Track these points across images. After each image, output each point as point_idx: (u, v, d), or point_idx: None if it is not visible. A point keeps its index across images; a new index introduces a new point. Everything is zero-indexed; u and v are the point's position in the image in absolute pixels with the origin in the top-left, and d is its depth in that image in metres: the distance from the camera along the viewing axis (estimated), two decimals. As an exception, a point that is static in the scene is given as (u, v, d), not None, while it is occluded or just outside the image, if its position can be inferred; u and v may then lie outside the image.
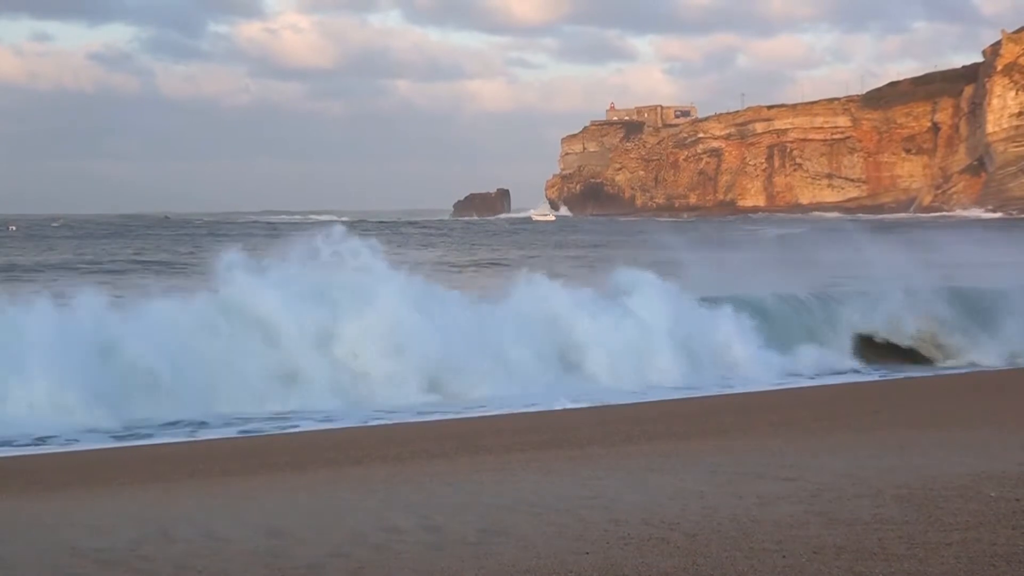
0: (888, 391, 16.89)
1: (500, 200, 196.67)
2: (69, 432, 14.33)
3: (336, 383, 17.41)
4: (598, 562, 6.53)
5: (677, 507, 7.78)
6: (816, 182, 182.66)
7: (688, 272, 25.53)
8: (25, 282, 36.12)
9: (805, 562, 6.41)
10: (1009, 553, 6.47)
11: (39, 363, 15.25)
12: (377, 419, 15.85)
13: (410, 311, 18.47)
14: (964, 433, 11.46)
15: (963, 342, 22.03)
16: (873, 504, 7.69)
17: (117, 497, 9.80)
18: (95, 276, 39.24)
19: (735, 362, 19.86)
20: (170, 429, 14.98)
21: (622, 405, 16.56)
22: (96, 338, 16.47)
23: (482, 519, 7.64)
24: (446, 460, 11.20)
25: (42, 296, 17.36)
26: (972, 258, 32.43)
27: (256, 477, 10.76)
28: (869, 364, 20.98)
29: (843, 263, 31.14)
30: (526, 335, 19.05)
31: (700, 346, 19.88)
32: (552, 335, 19.40)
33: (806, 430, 12.74)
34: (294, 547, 7.09)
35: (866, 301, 23.08)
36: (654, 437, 12.56)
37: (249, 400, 16.51)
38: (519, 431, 13.64)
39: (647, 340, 19.52)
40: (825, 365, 20.37)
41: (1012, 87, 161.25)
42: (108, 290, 23.19)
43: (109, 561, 6.89)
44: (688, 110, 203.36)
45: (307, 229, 21.89)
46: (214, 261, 19.81)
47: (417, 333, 18.02)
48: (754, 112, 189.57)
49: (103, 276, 39.68)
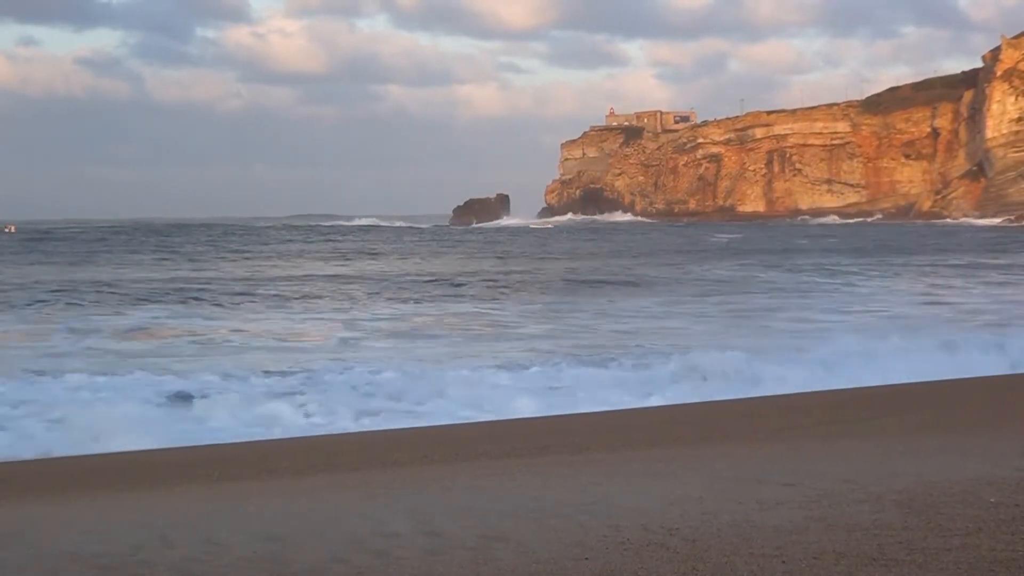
0: (888, 396, 16.87)
1: (500, 205, 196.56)
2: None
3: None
4: (597, 567, 6.52)
5: (676, 512, 7.77)
6: (816, 187, 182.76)
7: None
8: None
9: (805, 568, 6.41)
10: (1009, 559, 6.46)
11: None
12: (376, 424, 15.84)
13: None
14: (964, 439, 11.44)
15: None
16: (873, 509, 7.68)
17: (117, 502, 9.79)
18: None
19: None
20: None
21: (621, 411, 16.55)
22: None
23: (481, 524, 7.63)
24: (445, 465, 11.19)
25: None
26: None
27: (255, 482, 10.75)
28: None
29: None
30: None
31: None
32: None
33: (806, 435, 12.73)
34: (293, 552, 7.09)
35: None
36: (653, 442, 12.56)
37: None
38: (517, 436, 13.63)
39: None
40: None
41: (1012, 92, 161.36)
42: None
43: (109, 566, 6.88)
44: (687, 115, 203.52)
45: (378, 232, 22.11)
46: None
47: None
48: (753, 117, 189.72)
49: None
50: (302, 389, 18.43)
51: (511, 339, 26.57)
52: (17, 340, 26.41)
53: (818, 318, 31.03)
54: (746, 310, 34.03)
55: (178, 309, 34.24)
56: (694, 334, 27.10)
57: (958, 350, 21.64)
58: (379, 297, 39.29)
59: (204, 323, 30.08)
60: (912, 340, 23.13)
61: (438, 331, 28.41)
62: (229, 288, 42.20)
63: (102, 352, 23.98)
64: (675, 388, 18.81)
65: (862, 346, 22.14)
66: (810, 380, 18.87)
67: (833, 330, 26.47)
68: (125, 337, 26.95)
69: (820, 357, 21.32)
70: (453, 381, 18.96)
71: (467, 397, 17.75)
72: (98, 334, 27.05)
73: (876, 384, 18.31)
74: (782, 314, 32.30)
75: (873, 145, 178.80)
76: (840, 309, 33.75)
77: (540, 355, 22.95)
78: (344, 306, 35.67)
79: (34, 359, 22.50)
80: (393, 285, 44.53)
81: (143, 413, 16.19)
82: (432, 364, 21.45)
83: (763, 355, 21.37)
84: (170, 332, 28.20)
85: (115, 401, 16.94)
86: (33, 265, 59.34)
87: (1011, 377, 18.76)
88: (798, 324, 29.45)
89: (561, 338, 26.40)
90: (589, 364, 21.28)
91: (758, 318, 31.48)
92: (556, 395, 18.25)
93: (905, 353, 21.39)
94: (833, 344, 22.73)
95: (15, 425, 15.47)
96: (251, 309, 34.71)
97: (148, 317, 31.40)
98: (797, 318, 31.18)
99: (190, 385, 18.33)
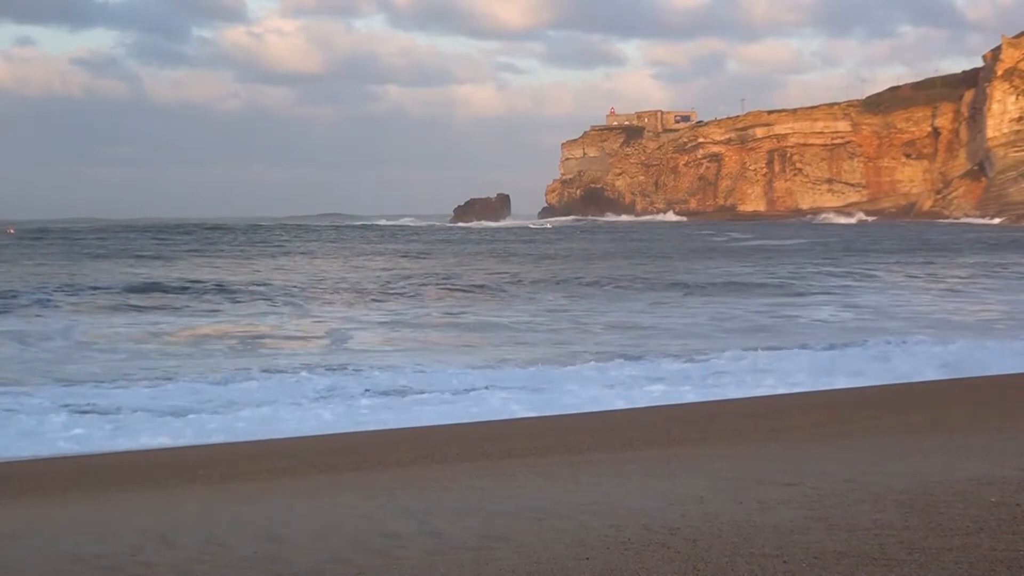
0: (888, 396, 16.88)
1: (500, 205, 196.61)
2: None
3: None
4: (598, 567, 6.52)
5: (677, 512, 7.77)
6: (816, 187, 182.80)
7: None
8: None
9: (806, 568, 6.40)
10: (1010, 558, 6.46)
11: None
12: (375, 425, 15.84)
13: None
14: (965, 438, 11.44)
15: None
16: (874, 509, 7.68)
17: (117, 503, 9.80)
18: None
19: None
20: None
21: (622, 410, 16.55)
22: None
23: (482, 524, 7.63)
24: (445, 465, 11.20)
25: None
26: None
27: (256, 483, 10.76)
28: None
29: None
30: None
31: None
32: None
33: (806, 435, 12.73)
34: (294, 553, 7.09)
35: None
36: (654, 442, 12.56)
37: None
38: (518, 436, 13.63)
39: None
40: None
41: (1012, 92, 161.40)
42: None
43: (109, 567, 6.89)
44: (688, 115, 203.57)
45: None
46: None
47: None
48: (754, 117, 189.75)
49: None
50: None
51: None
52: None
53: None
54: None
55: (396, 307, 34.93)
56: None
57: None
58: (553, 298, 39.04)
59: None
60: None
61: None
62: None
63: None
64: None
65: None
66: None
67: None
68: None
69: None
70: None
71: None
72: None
73: (876, 384, 18.32)
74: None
75: (874, 145, 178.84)
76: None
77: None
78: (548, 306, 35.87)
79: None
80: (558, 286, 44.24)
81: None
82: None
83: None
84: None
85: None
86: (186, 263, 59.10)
87: (1011, 377, 18.76)
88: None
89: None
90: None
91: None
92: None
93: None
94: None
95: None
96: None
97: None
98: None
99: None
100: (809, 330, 28.31)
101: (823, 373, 20.00)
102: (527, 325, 30.01)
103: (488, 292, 41.68)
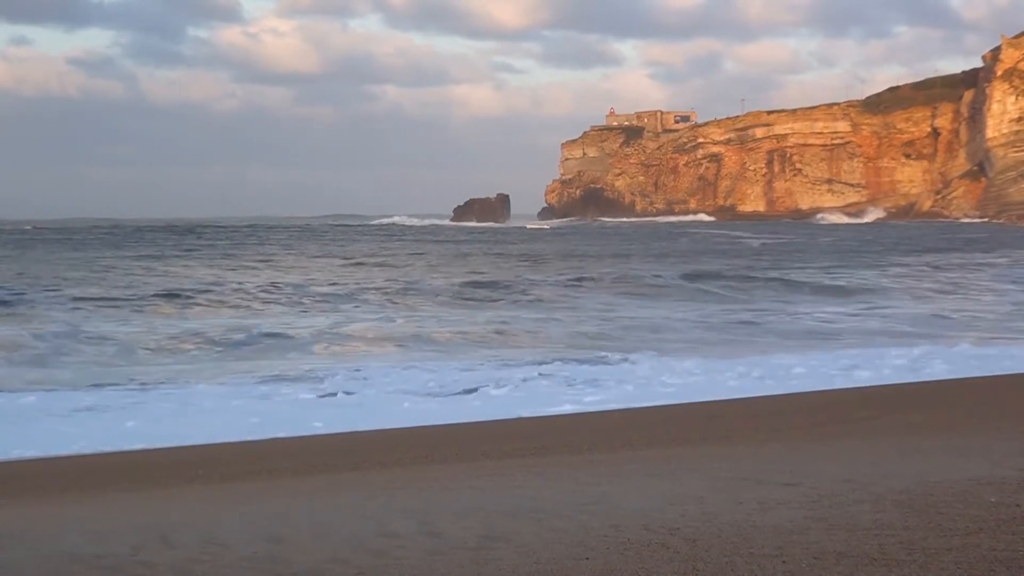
0: (888, 396, 16.88)
1: (501, 205, 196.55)
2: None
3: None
4: (598, 567, 6.52)
5: (677, 512, 7.77)
6: (816, 187, 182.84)
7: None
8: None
9: (805, 568, 6.40)
10: (1009, 559, 6.46)
11: None
12: (376, 424, 15.84)
13: None
14: (964, 438, 11.44)
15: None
16: (873, 509, 7.68)
17: (117, 502, 9.79)
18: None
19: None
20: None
21: (621, 410, 16.55)
22: None
23: (482, 524, 7.63)
24: (445, 465, 11.19)
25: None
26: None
27: (255, 482, 10.75)
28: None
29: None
30: None
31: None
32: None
33: (806, 435, 12.73)
34: (293, 553, 7.09)
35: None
36: (654, 442, 12.56)
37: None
38: (517, 436, 13.63)
39: None
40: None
41: (1012, 92, 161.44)
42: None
43: (109, 567, 6.88)
44: (688, 115, 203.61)
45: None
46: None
47: None
48: (754, 117, 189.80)
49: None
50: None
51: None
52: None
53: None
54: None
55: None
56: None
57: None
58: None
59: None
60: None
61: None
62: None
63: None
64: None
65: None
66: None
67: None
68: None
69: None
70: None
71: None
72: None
73: (876, 384, 18.32)
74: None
75: (873, 145, 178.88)
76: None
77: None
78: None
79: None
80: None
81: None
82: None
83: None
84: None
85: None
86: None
87: (1011, 377, 18.77)
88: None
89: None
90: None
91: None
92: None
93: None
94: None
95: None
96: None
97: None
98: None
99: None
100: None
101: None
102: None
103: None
